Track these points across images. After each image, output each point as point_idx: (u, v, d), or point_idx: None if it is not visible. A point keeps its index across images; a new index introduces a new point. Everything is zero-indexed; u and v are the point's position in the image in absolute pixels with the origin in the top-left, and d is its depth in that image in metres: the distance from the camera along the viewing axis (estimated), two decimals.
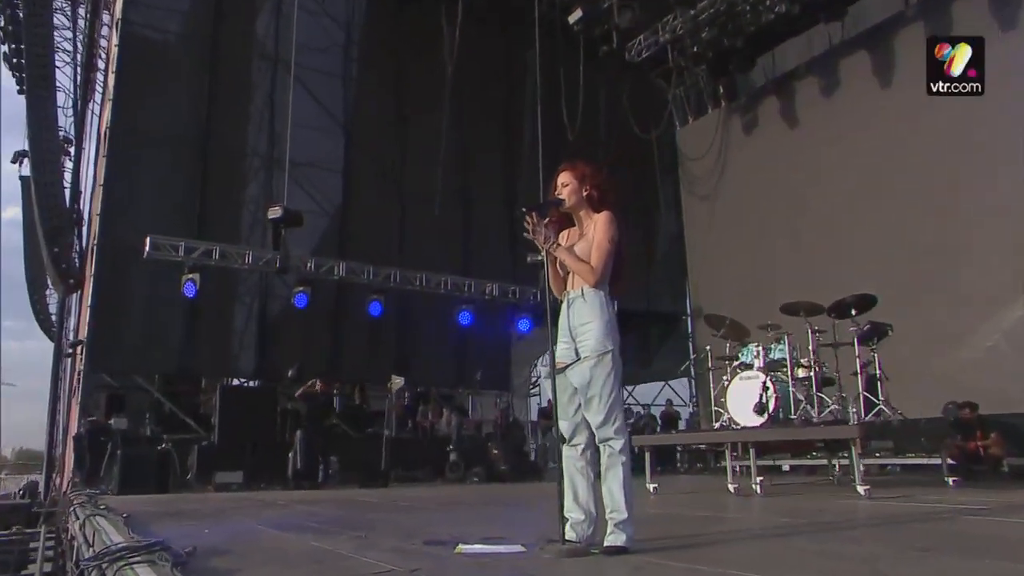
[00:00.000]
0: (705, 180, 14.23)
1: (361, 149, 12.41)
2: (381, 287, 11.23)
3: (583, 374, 2.83)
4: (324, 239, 11.95)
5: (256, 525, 4.24)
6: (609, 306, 2.90)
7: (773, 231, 12.38)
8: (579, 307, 2.91)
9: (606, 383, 2.81)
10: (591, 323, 2.86)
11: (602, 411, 2.81)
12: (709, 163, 14.17)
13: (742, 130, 13.62)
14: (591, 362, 2.82)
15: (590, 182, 3.00)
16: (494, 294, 12.24)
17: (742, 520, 4.21)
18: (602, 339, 2.84)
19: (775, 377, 6.64)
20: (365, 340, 11.86)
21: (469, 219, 13.16)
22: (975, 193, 9.82)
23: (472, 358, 12.52)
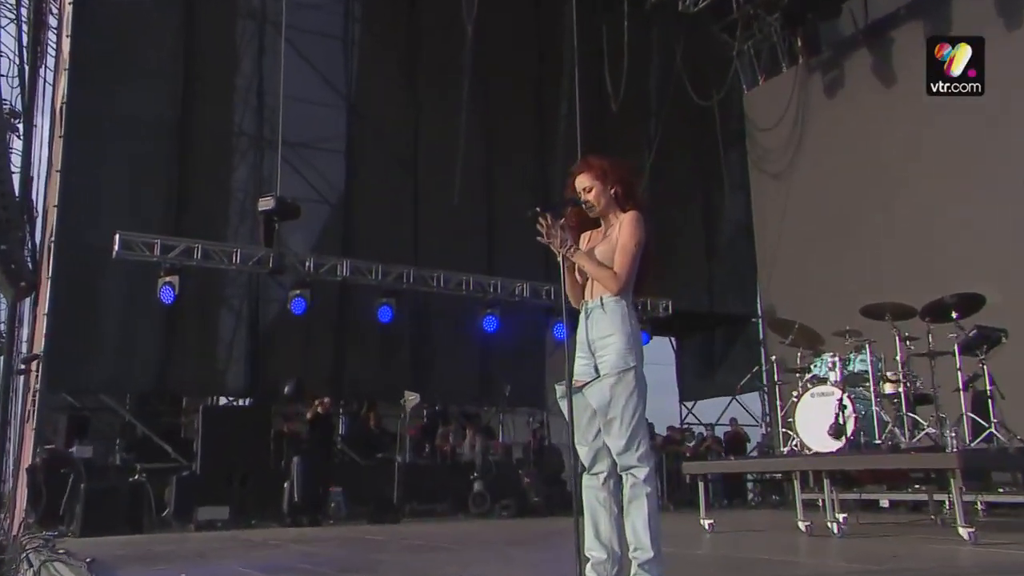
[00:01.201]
0: (778, 155, 14.02)
1: (367, 126, 12.43)
2: (392, 289, 11.23)
3: (602, 393, 2.90)
4: (325, 234, 12.02)
5: (241, 569, 4.28)
6: (632, 317, 2.98)
7: (860, 216, 12.15)
8: (598, 318, 3.00)
9: (628, 403, 2.87)
10: (612, 336, 2.94)
11: (623, 435, 2.88)
12: (783, 134, 13.93)
13: (824, 92, 13.35)
14: (611, 380, 2.89)
15: (613, 178, 3.09)
16: (524, 295, 12.11)
17: (801, 566, 4.18)
18: (624, 354, 2.91)
19: (855, 393, 6.60)
20: (374, 351, 11.90)
21: (494, 208, 13.14)
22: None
23: (500, 371, 12.49)
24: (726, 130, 14.95)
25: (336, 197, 12.23)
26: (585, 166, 3.13)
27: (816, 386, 6.80)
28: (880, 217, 11.81)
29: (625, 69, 12.24)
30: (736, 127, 15.17)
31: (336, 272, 10.99)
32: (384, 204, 12.35)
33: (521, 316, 12.45)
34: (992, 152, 10.59)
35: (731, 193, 15.25)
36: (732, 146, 15.25)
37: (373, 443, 11.07)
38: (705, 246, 15.19)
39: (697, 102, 13.74)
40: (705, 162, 15.06)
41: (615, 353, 2.91)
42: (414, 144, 12.67)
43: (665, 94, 14.04)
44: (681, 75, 13.49)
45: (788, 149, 13.81)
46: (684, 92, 13.56)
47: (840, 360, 6.79)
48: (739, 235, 15.32)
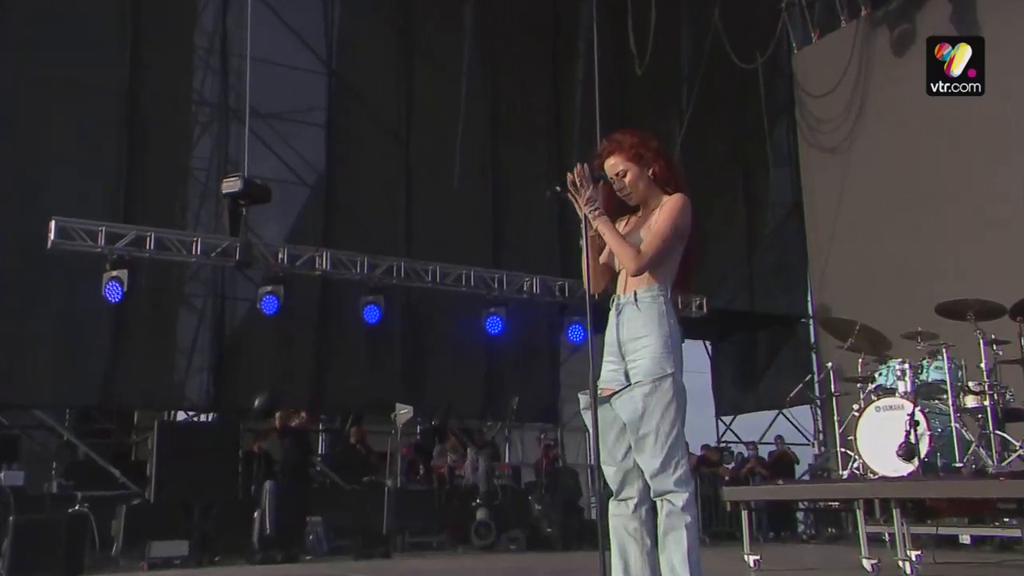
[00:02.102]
0: (834, 126, 13.91)
1: (352, 95, 12.38)
2: (380, 285, 11.18)
3: (634, 405, 2.92)
4: (302, 220, 12.02)
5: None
6: (671, 315, 3.01)
7: (934, 197, 12.02)
8: (631, 316, 3.03)
9: (664, 417, 2.89)
10: (646, 338, 2.97)
11: (659, 454, 2.90)
12: (840, 101, 13.79)
13: (890, 51, 13.20)
14: (644, 389, 2.91)
15: (650, 156, 3.12)
16: (535, 292, 12.08)
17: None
18: (660, 359, 2.93)
19: (929, 407, 6.67)
20: (359, 357, 11.89)
21: (500, 192, 13.16)
22: None
23: (506, 380, 12.56)
24: (772, 97, 14.92)
25: (315, 178, 12.18)
26: (615, 146, 3.14)
27: (882, 398, 6.81)
28: (960, 198, 11.67)
29: (652, 25, 12.17)
30: (784, 93, 15.16)
31: (315, 265, 10.94)
32: (372, 187, 12.33)
33: (531, 316, 12.48)
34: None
35: (777, 171, 15.24)
36: (779, 116, 15.23)
37: (358, 464, 11.03)
38: (747, 234, 15.21)
39: (738, 64, 13.67)
40: (746, 135, 15.10)
41: (649, 357, 2.93)
42: (407, 117, 12.62)
43: (700, 55, 14.13)
44: (719, 32, 13.43)
45: (846, 119, 13.71)
46: (722, 52, 13.49)
47: (911, 367, 6.78)
48: (787, 221, 15.31)
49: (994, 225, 11.14)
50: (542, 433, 12.70)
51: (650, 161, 3.12)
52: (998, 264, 10.15)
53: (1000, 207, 11.18)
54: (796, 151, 14.90)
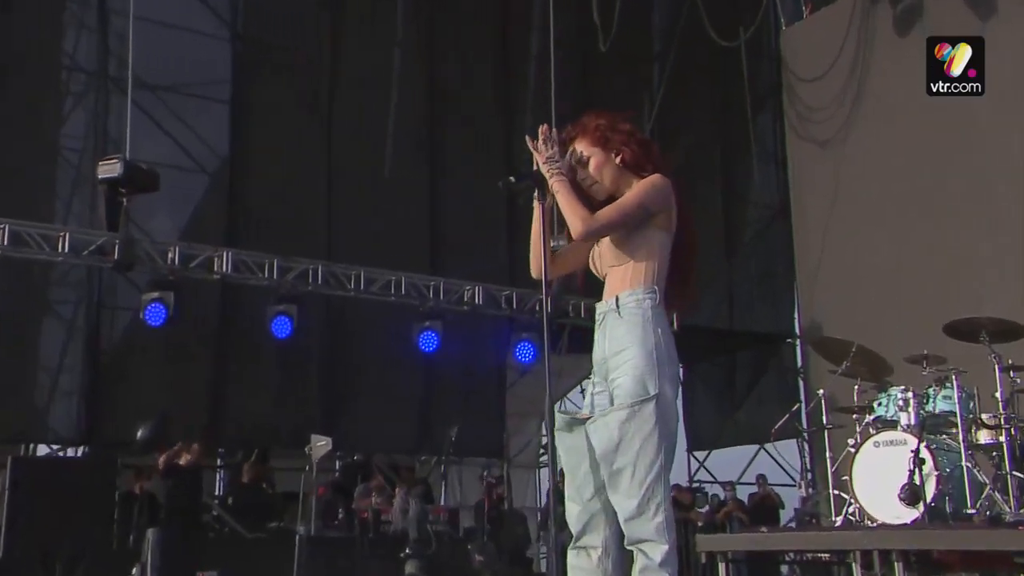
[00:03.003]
0: (827, 115, 13.98)
1: (263, 65, 12.28)
2: (293, 292, 10.95)
3: (608, 433, 2.92)
4: (199, 214, 11.84)
5: None
6: (659, 323, 3.02)
7: (942, 199, 12.10)
8: (613, 326, 3.05)
9: (644, 449, 2.89)
10: (628, 350, 2.98)
11: (635, 494, 2.89)
12: (834, 87, 13.87)
13: (894, 29, 13.23)
14: (621, 415, 2.91)
15: (619, 138, 3.19)
16: (477, 303, 11.95)
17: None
18: (642, 377, 2.93)
19: (936, 443, 6.73)
20: (266, 378, 11.82)
21: (439, 184, 13.16)
22: None
23: (443, 406, 12.53)
24: (756, 81, 15.01)
25: (216, 164, 12.03)
26: (578, 129, 3.22)
27: (882, 432, 6.87)
28: (971, 200, 11.75)
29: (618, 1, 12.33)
30: (770, 77, 15.28)
31: (213, 268, 10.66)
32: (285, 175, 12.19)
33: (473, 332, 12.44)
34: None
35: (761, 167, 15.28)
36: (764, 103, 15.37)
37: (263, 508, 10.81)
38: (725, 239, 15.27)
39: (717, 42, 13.71)
40: (727, 124, 15.25)
41: (631, 375, 2.93)
42: (329, 92, 12.53)
43: (674, 29, 14.27)
44: (696, 4, 13.46)
45: (840, 107, 13.76)
46: (700, 27, 13.54)
47: (915, 396, 6.85)
48: (771, 224, 15.44)
49: (1010, 232, 11.19)
50: (485, 470, 12.64)
51: (617, 145, 3.16)
52: (1015, 277, 10.27)
53: (1017, 211, 11.23)
54: (783, 144, 15.03)
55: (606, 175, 3.18)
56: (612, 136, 3.18)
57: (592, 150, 3.18)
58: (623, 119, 3.25)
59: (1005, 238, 11.21)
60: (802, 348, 14.88)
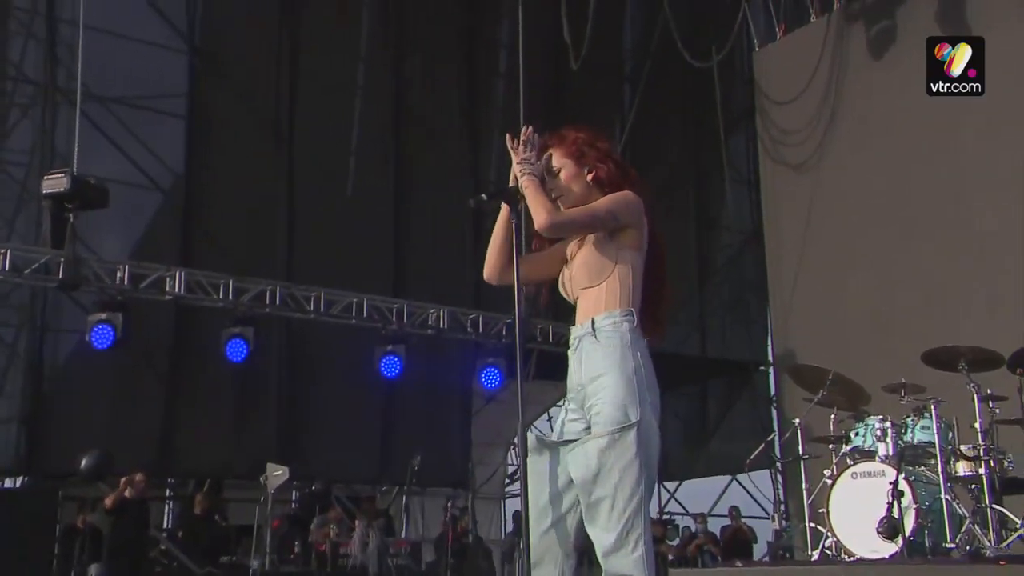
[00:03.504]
0: (801, 138, 13.95)
1: (221, 79, 12.21)
2: (250, 314, 10.84)
3: (587, 462, 2.90)
4: (152, 233, 11.73)
5: None
6: (637, 347, 3.00)
7: (919, 224, 12.06)
8: (590, 351, 3.03)
9: (624, 479, 2.86)
10: (606, 376, 2.96)
11: (614, 527, 2.86)
12: (808, 109, 13.85)
13: (868, 51, 13.27)
14: (600, 443, 2.88)
15: (594, 154, 3.19)
16: (442, 326, 11.93)
17: None
18: (622, 404, 2.90)
19: (915, 474, 6.74)
20: (221, 405, 11.68)
21: (403, 204, 13.16)
22: None
23: (406, 434, 12.41)
24: (729, 103, 15.07)
25: (170, 181, 11.90)
26: (556, 140, 3.21)
27: (859, 462, 6.82)
28: (950, 226, 11.73)
29: (591, 12, 12.19)
30: (743, 99, 15.34)
31: (164, 288, 10.51)
32: (243, 193, 12.14)
33: (437, 357, 12.49)
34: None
35: (734, 190, 15.28)
36: (736, 125, 15.45)
37: (215, 541, 10.60)
38: (697, 264, 15.34)
39: (690, 63, 13.70)
40: (699, 147, 15.35)
41: (610, 402, 2.90)
42: (289, 109, 12.50)
43: (646, 49, 14.23)
44: (668, 23, 13.40)
45: (814, 130, 13.72)
46: (672, 48, 13.51)
47: (893, 426, 6.81)
48: (744, 249, 15.49)
49: (991, 259, 11.16)
50: (449, 501, 12.30)
51: (592, 161, 3.15)
52: (994, 305, 10.22)
53: (997, 237, 11.20)
54: (756, 167, 15.05)
55: (575, 189, 3.17)
56: (588, 152, 3.17)
57: (565, 162, 3.17)
58: (602, 138, 3.26)
59: (985, 265, 11.17)
60: (775, 376, 14.84)
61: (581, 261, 3.12)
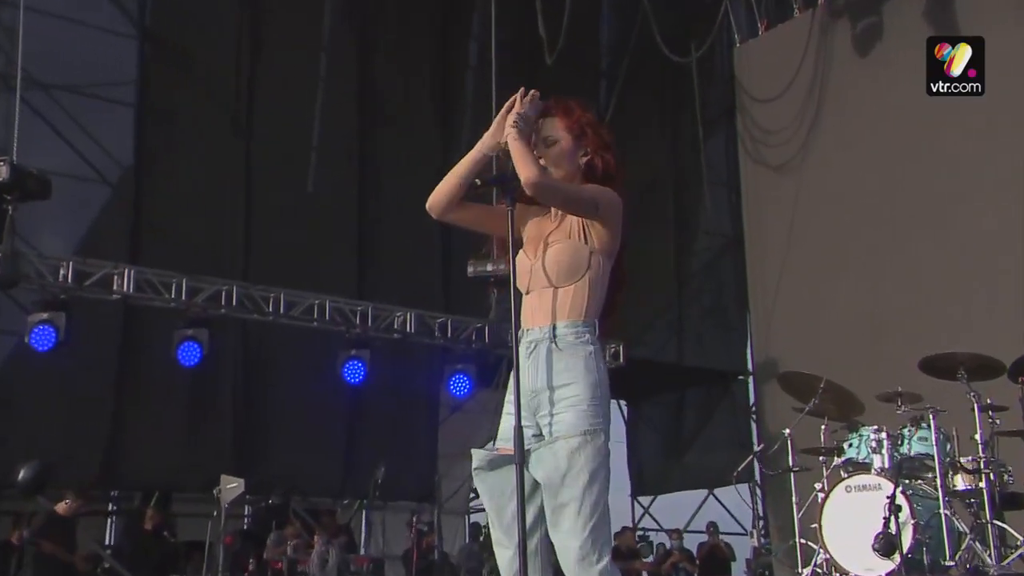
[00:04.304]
0: (783, 138, 13.94)
1: (174, 66, 12.12)
2: (204, 316, 10.75)
3: (556, 462, 2.91)
4: (99, 228, 11.55)
5: None
6: (599, 359, 3.04)
7: (910, 226, 12.05)
8: (550, 359, 3.04)
9: (592, 483, 2.89)
10: (570, 387, 2.99)
11: (580, 532, 2.87)
12: (791, 108, 13.84)
13: (854, 48, 13.29)
14: (572, 444, 2.91)
15: (596, 141, 3.17)
16: (409, 330, 11.83)
17: None
18: (586, 412, 2.95)
19: (911, 488, 6.73)
20: (172, 412, 11.56)
21: (369, 201, 13.05)
22: None
23: (369, 445, 12.35)
24: (708, 101, 15.07)
25: (118, 173, 11.72)
26: (561, 109, 3.17)
27: (853, 475, 6.81)
28: (944, 226, 11.72)
29: (568, 5, 12.18)
30: (722, 97, 15.28)
31: (112, 286, 10.33)
32: (197, 187, 12.00)
33: (404, 362, 12.41)
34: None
35: (713, 192, 15.30)
36: (716, 124, 15.43)
37: (164, 559, 10.56)
38: (675, 268, 15.35)
39: (668, 59, 13.71)
40: (676, 146, 15.41)
41: (572, 411, 2.93)
42: (248, 97, 12.36)
43: (623, 45, 14.24)
44: (647, 18, 13.40)
45: (798, 130, 13.71)
46: (650, 44, 13.52)
47: (889, 437, 6.79)
48: (723, 253, 15.48)
49: (989, 260, 11.11)
50: (414, 515, 12.31)
51: (591, 146, 3.11)
52: (994, 310, 10.20)
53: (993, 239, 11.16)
54: (736, 168, 15.03)
55: (563, 166, 3.12)
56: (591, 134, 3.13)
57: (563, 135, 3.12)
58: (608, 129, 3.23)
59: (984, 267, 11.12)
60: (755, 386, 14.86)
61: (553, 258, 3.06)
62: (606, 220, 3.04)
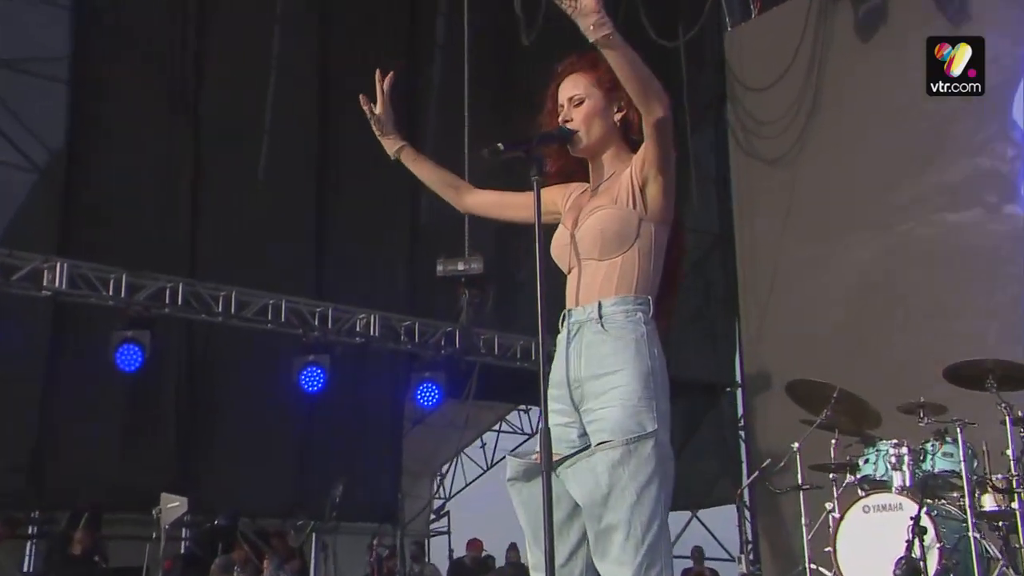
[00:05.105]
0: (778, 129, 13.85)
1: (111, 40, 11.86)
2: (146, 315, 10.66)
3: (595, 479, 2.80)
4: (25, 217, 11.42)
5: None
6: (654, 343, 2.92)
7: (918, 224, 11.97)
8: (595, 343, 2.94)
9: (642, 501, 2.76)
10: (618, 374, 2.88)
11: (630, 559, 2.74)
12: (787, 96, 13.78)
13: (855, 33, 13.21)
14: (613, 455, 2.78)
15: (627, 94, 3.01)
16: (373, 334, 11.82)
17: None
18: (638, 409, 2.82)
19: (936, 508, 6.70)
20: (108, 422, 11.39)
21: (328, 192, 13.01)
22: None
23: (326, 460, 12.35)
24: (696, 89, 15.01)
25: (47, 158, 11.58)
26: (584, 63, 3.09)
27: (871, 494, 6.82)
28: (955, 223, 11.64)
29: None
30: (712, 85, 15.30)
31: (41, 282, 10.24)
32: (138, 174, 11.87)
33: (366, 369, 12.49)
34: None
35: (700, 187, 15.26)
36: (704, 114, 15.47)
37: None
38: None
39: (653, 43, 13.56)
40: None
41: (621, 404, 2.82)
42: (194, 75, 12.22)
43: None
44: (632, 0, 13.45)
45: (793, 121, 13.64)
46: (636, 24, 13.29)
47: (910, 452, 6.81)
48: (711, 254, 15.57)
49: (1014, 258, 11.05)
50: (374, 538, 12.27)
51: (626, 99, 2.97)
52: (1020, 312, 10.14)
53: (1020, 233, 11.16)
54: (726, 161, 15.04)
55: (595, 129, 3.03)
56: (621, 86, 2.95)
57: (592, 91, 3.05)
58: None
59: (1012, 264, 11.04)
60: (744, 398, 14.79)
61: (597, 226, 2.94)
62: (666, 181, 2.93)
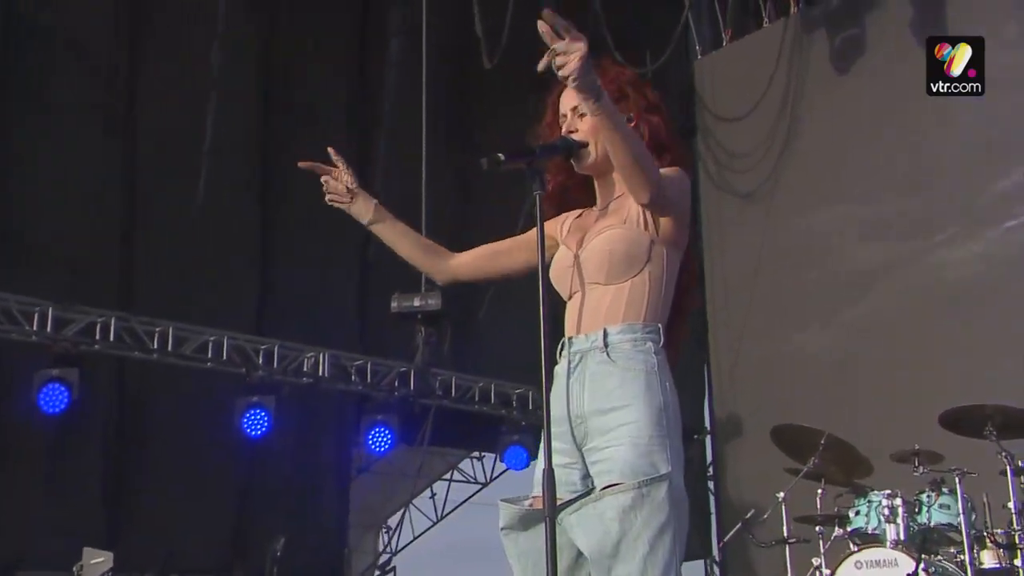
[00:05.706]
0: (751, 163, 14.03)
1: (36, 46, 11.74)
2: (73, 352, 10.59)
3: (603, 527, 2.78)
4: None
5: None
6: (665, 376, 2.93)
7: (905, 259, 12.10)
8: (600, 374, 2.94)
9: (656, 550, 2.75)
10: (626, 410, 2.87)
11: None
12: (761, 128, 13.92)
13: (831, 62, 13.38)
14: (623, 500, 2.77)
15: (641, 100, 3.09)
16: (321, 374, 11.80)
17: None
18: (649, 448, 2.82)
19: (933, 565, 6.73)
20: (28, 469, 11.13)
21: (274, 217, 12.94)
22: None
23: (266, 511, 12.15)
24: None
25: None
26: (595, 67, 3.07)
27: (864, 548, 6.90)
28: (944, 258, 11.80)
29: (510, 9, 12.29)
30: (682, 115, 15.28)
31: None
32: (66, 194, 11.58)
33: (313, 412, 12.29)
34: None
35: None
36: None
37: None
38: None
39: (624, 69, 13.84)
40: None
41: (628, 445, 2.81)
42: (128, 86, 12.15)
43: None
44: (599, 23, 13.42)
45: (767, 153, 13.82)
46: (602, 51, 13.46)
47: (904, 503, 6.91)
48: None
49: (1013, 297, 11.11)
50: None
51: (635, 109, 3.00)
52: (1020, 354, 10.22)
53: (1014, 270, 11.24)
54: (696, 195, 14.89)
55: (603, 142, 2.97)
56: (633, 95, 3.03)
57: None
58: (653, 88, 3.13)
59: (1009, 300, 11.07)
60: (712, 445, 14.81)
61: (604, 247, 2.94)
62: (680, 210, 2.96)
